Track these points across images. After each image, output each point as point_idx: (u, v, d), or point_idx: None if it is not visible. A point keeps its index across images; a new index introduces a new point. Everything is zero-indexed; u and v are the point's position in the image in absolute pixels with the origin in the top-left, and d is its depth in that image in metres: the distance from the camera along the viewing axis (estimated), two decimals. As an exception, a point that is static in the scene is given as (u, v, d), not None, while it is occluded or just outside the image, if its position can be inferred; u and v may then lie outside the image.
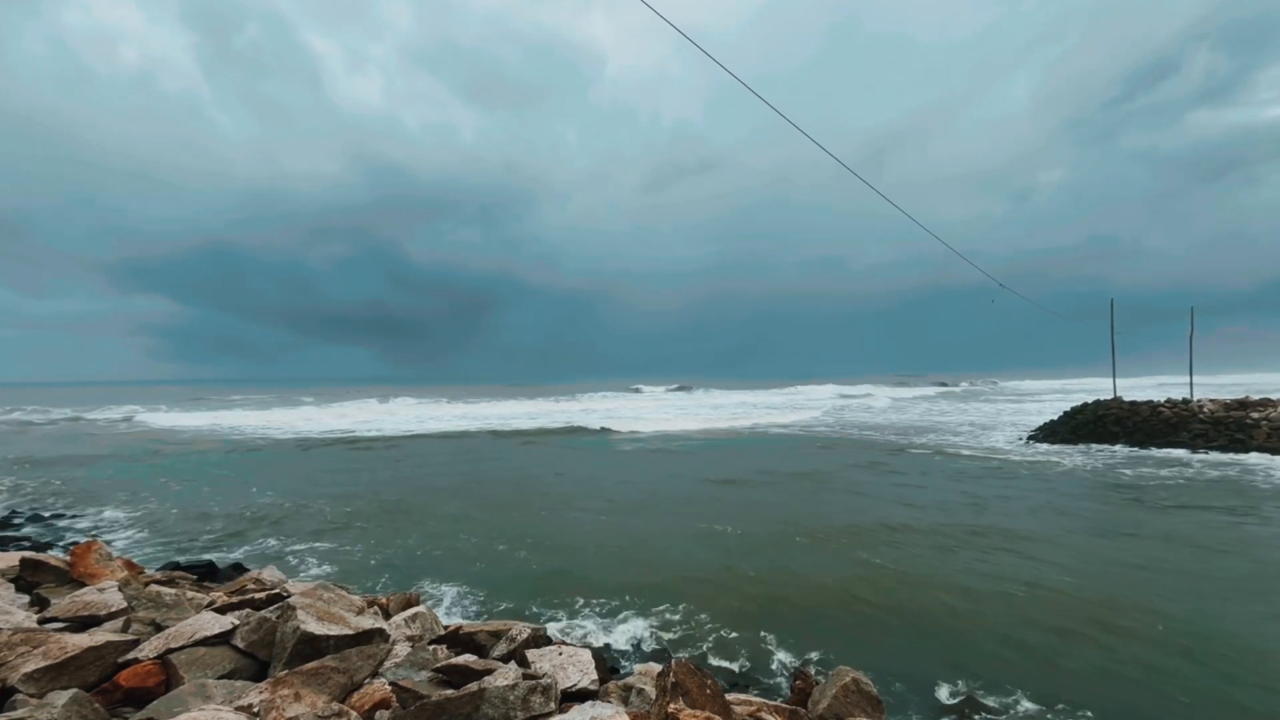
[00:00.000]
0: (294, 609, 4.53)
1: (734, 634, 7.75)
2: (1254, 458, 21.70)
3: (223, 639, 4.50)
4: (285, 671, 3.98)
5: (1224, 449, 23.25)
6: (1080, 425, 28.35)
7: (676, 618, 8.24)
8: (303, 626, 4.38)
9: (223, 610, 5.09)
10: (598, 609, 8.62)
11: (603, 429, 34.96)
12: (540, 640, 5.40)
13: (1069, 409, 31.12)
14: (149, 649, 4.23)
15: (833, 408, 54.57)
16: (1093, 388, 59.37)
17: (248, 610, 5.08)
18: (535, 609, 8.63)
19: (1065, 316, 43.24)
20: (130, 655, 4.20)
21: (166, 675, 4.09)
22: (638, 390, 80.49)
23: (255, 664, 4.47)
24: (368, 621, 4.90)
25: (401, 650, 4.88)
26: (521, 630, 5.28)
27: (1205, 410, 26.25)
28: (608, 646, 7.47)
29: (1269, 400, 26.79)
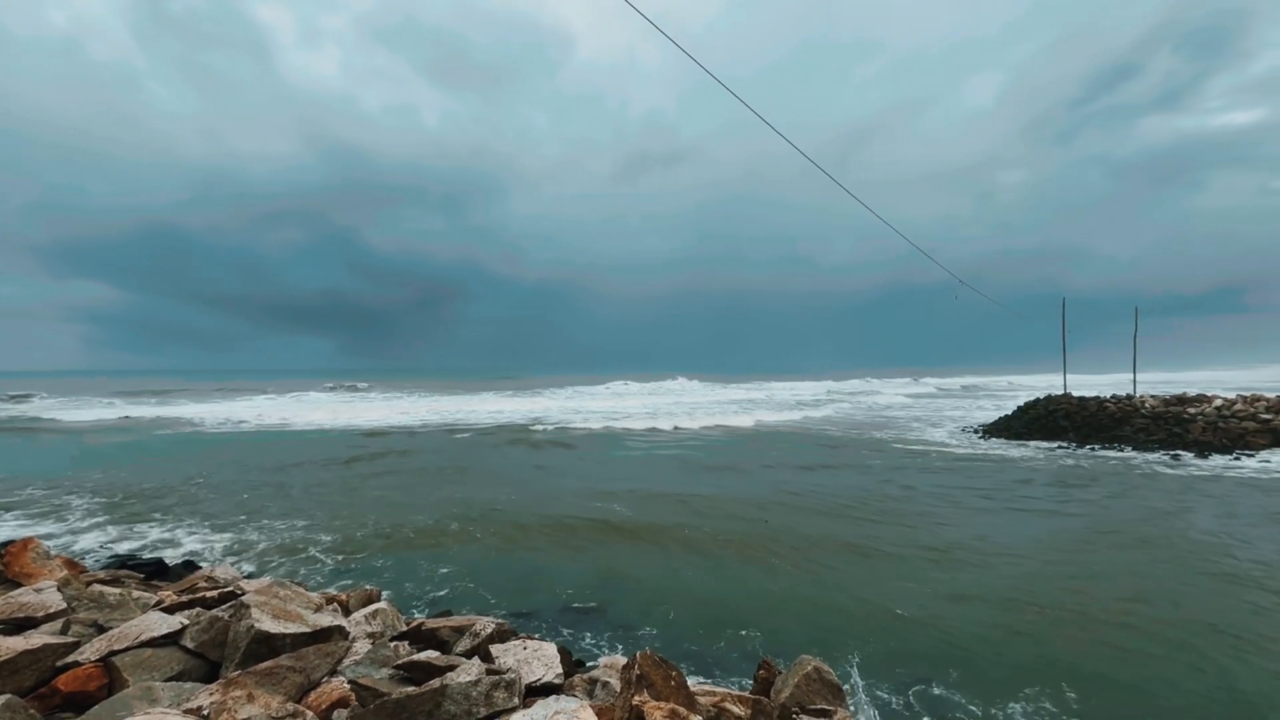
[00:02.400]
0: (248, 607, 4.39)
1: (701, 626, 7.82)
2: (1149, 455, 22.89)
3: (171, 640, 4.34)
4: (238, 672, 3.85)
5: (1163, 443, 24.47)
6: (1033, 420, 29.45)
7: (644, 611, 8.28)
8: (257, 625, 4.25)
9: (171, 610, 4.90)
10: (564, 603, 8.60)
11: (567, 426, 34.74)
12: (505, 635, 5.36)
13: (1022, 404, 32.32)
14: (90, 651, 4.05)
15: (798, 405, 55.37)
16: (1052, 384, 61.33)
17: (198, 609, 4.90)
18: (500, 604, 8.56)
19: (1020, 314, 44.87)
20: (70, 658, 4.01)
21: (109, 678, 3.92)
22: (606, 385, 79.93)
23: (206, 665, 4.32)
24: (326, 619, 4.78)
25: (361, 648, 4.78)
26: (485, 625, 5.23)
27: (1146, 406, 27.59)
28: (574, 640, 7.46)
29: (1204, 396, 28.31)
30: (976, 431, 31.00)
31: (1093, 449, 24.48)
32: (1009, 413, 32.62)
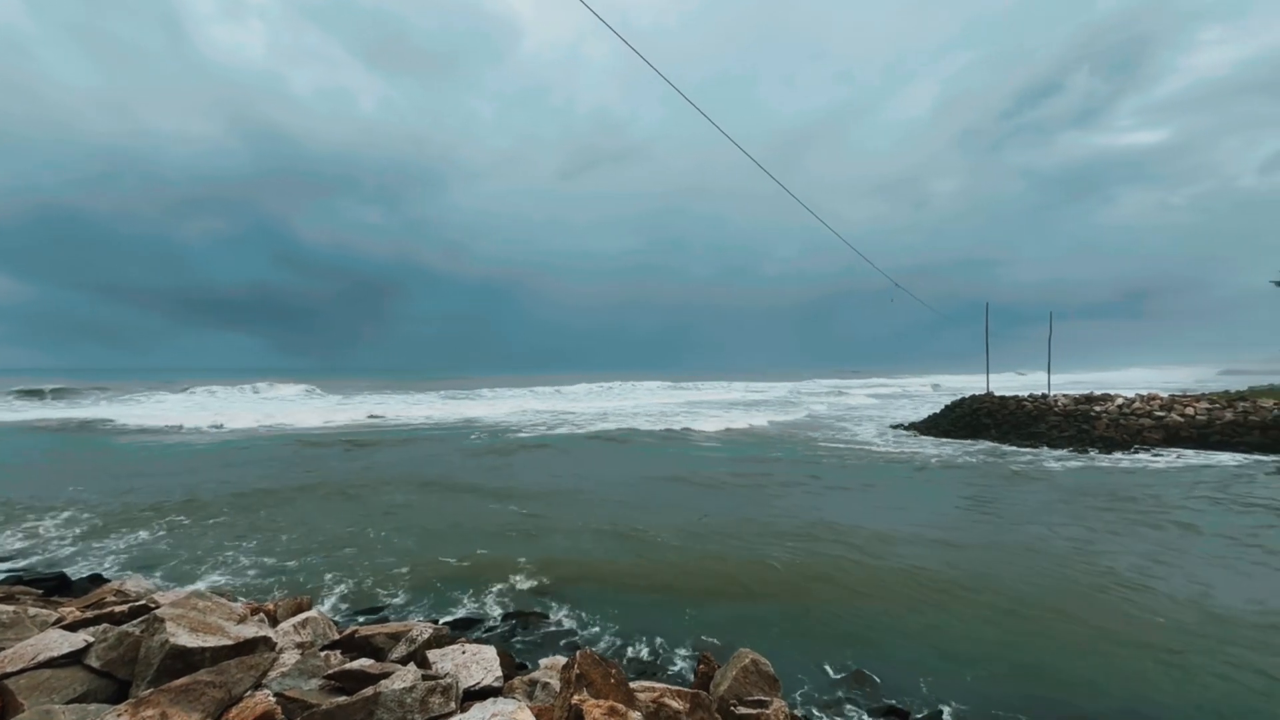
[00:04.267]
0: (162, 621, 4.14)
1: (643, 624, 7.89)
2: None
3: (73, 659, 4.03)
4: (150, 690, 3.63)
5: (1072, 439, 26.37)
6: (959, 418, 31.17)
7: (589, 612, 8.27)
8: (172, 639, 4.01)
9: (74, 627, 4.56)
10: (507, 607, 8.49)
11: (510, 429, 34.12)
12: (443, 640, 5.25)
13: (949, 403, 34.15)
14: (-22, 675, 3.72)
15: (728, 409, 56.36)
16: (987, 384, 62.79)
17: (105, 625, 4.57)
18: (440, 610, 8.37)
19: (947, 317, 47.91)
20: (-46, 684, 3.67)
21: (2, 703, 3.61)
22: (557, 387, 78.00)
23: (114, 685, 4.04)
24: (250, 630, 4.56)
25: (289, 659, 4.57)
26: (422, 630, 5.11)
27: (1059, 404, 29.69)
28: (516, 644, 7.38)
29: (1108, 395, 30.74)
30: (907, 429, 32.51)
31: (1013, 445, 26.13)
32: (937, 411, 34.39)
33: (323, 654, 4.77)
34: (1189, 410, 26.76)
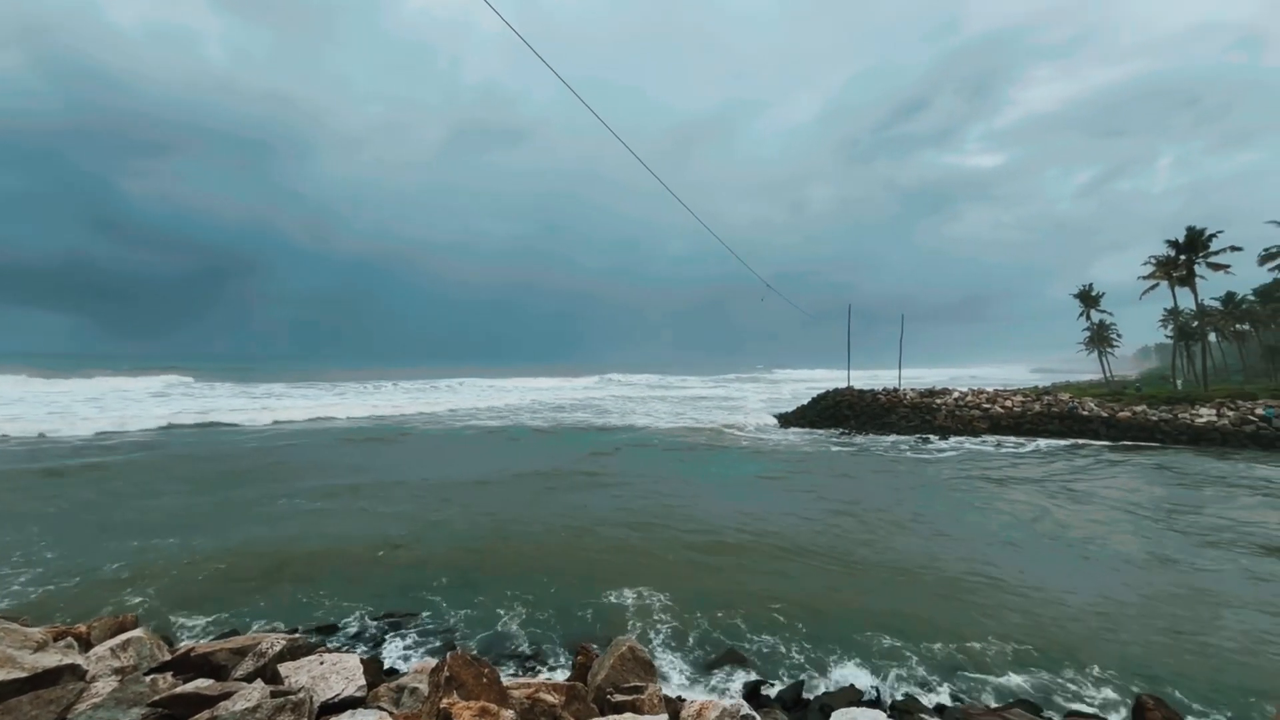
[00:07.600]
0: (-74, 656, 3.43)
1: (524, 619, 7.78)
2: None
3: None
4: (-94, 740, 3.00)
5: (918, 428, 29.62)
6: (824, 410, 33.83)
7: (463, 611, 8.00)
8: (-59, 677, 3.34)
9: None
10: (374, 611, 7.97)
11: (382, 423, 31.88)
12: (299, 651, 4.83)
13: (815, 396, 36.93)
14: None
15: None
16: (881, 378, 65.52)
17: None
18: (299, 619, 7.68)
19: (812, 317, 52.41)
20: None
21: None
22: (458, 380, 70.71)
23: None
24: (51, 658, 3.92)
25: (104, 687, 3.99)
26: (273, 643, 4.67)
27: (908, 398, 33.19)
28: (385, 649, 6.96)
29: (947, 390, 34.86)
30: (778, 420, 34.74)
31: (867, 434, 28.86)
32: (805, 403, 37.09)
33: (148, 678, 4.20)
34: (1008, 403, 31.07)
